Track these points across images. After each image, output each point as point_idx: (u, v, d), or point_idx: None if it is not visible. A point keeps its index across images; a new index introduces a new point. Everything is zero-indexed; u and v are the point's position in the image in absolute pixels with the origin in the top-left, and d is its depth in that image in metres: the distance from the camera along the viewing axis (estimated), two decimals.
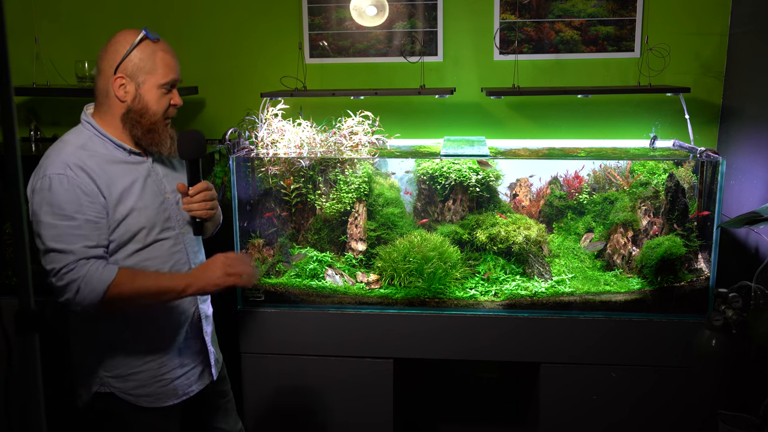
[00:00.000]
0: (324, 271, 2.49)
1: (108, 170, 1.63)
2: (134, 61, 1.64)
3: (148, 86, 1.66)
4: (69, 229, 1.54)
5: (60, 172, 1.56)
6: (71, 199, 1.55)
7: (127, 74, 1.64)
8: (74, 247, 1.54)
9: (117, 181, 1.63)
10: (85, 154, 1.61)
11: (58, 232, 1.54)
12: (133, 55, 1.63)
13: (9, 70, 0.93)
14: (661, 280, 2.36)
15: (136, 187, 1.67)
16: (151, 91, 1.67)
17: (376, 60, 2.86)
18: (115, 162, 1.66)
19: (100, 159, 1.63)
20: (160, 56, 1.66)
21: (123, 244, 1.64)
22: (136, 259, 1.67)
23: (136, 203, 1.65)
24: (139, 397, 1.72)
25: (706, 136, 2.75)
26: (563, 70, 2.79)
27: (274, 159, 2.49)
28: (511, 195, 2.70)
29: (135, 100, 1.66)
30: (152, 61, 1.65)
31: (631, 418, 2.36)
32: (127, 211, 1.63)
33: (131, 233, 1.64)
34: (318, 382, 2.46)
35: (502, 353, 2.39)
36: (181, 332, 1.77)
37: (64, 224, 1.54)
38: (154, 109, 1.68)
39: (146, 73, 1.65)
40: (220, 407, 1.98)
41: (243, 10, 2.88)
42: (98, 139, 1.66)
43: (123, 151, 1.68)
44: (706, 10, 2.66)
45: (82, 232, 1.55)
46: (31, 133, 2.91)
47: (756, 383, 2.28)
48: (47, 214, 1.54)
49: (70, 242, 1.54)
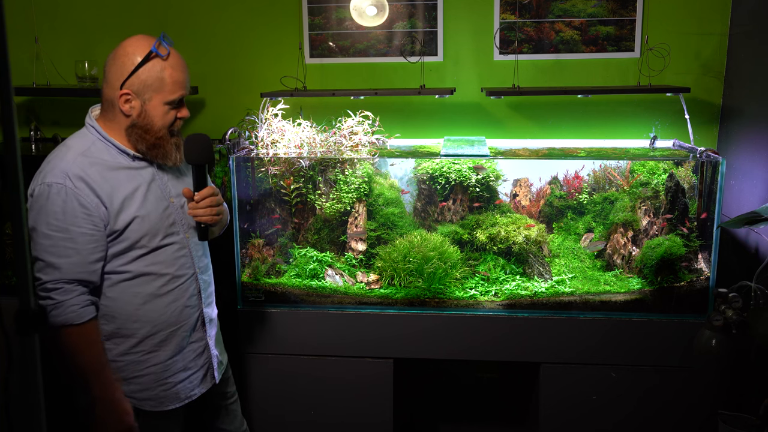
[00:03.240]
0: (324, 271, 2.49)
1: (110, 178, 1.62)
2: (141, 78, 1.60)
3: (155, 103, 1.64)
4: (61, 242, 1.55)
5: (59, 181, 1.55)
6: (67, 211, 1.55)
7: (134, 91, 1.61)
8: (63, 262, 1.55)
9: (119, 189, 1.63)
10: (87, 161, 1.60)
11: (51, 242, 1.55)
12: (140, 72, 1.60)
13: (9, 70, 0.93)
14: (661, 280, 2.36)
15: (139, 193, 1.66)
16: (157, 108, 1.64)
17: (376, 60, 2.86)
18: (119, 168, 1.65)
19: (102, 166, 1.62)
20: (169, 73, 1.63)
21: (125, 251, 1.64)
22: (140, 264, 1.67)
23: (139, 210, 1.64)
24: (141, 400, 1.71)
25: (706, 136, 2.75)
26: (563, 70, 2.79)
27: (274, 159, 2.49)
28: (510, 195, 2.70)
29: (140, 116, 1.63)
30: (160, 79, 1.62)
31: (631, 418, 2.36)
32: (129, 219, 1.63)
33: (133, 240, 1.64)
34: (318, 382, 2.46)
35: (502, 353, 2.39)
36: (185, 336, 1.77)
37: (58, 236, 1.55)
38: (159, 125, 1.66)
39: (153, 91, 1.62)
40: (224, 408, 1.98)
41: (243, 10, 2.88)
42: (102, 144, 1.65)
43: (127, 157, 1.67)
44: (706, 10, 2.66)
45: (74, 246, 1.55)
46: (31, 133, 2.91)
47: (756, 383, 2.28)
48: (42, 223, 1.55)
49: (61, 255, 1.54)
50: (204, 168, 1.72)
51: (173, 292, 1.72)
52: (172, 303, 1.72)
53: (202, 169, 1.71)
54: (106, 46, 2.91)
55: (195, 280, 1.79)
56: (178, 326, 1.75)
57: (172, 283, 1.72)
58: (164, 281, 1.70)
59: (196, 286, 1.79)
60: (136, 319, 1.68)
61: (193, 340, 1.80)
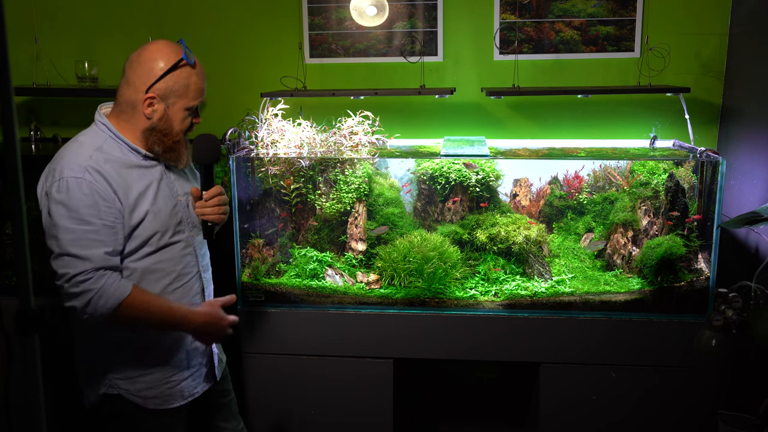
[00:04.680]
0: (324, 271, 2.49)
1: (124, 175, 1.63)
2: (169, 84, 1.63)
3: (177, 108, 1.66)
4: (87, 234, 1.54)
5: (78, 175, 1.55)
6: (90, 204, 1.54)
7: (159, 95, 1.63)
8: (92, 254, 1.53)
9: (133, 186, 1.64)
10: (102, 157, 1.61)
11: (76, 236, 1.53)
12: (168, 77, 1.63)
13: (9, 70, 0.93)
14: (661, 280, 2.36)
15: (151, 191, 1.67)
16: (178, 113, 1.67)
17: (376, 60, 2.86)
18: (131, 166, 1.66)
19: (115, 163, 1.63)
20: (194, 80, 1.67)
21: (137, 248, 1.65)
22: (149, 261, 1.67)
23: (151, 207, 1.65)
24: (147, 399, 1.72)
25: (706, 136, 2.75)
26: (563, 70, 2.79)
27: (274, 159, 2.49)
28: (510, 195, 2.70)
29: (161, 119, 1.66)
30: (185, 86, 1.65)
31: (631, 418, 2.36)
32: (143, 216, 1.64)
33: (145, 237, 1.65)
34: (318, 382, 2.46)
35: (502, 353, 2.39)
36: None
37: (82, 228, 1.54)
38: (177, 129, 1.69)
39: (177, 96, 1.65)
40: (222, 406, 1.99)
41: (243, 10, 2.88)
42: (114, 142, 1.66)
43: (138, 155, 1.68)
44: (706, 10, 2.66)
45: (99, 237, 1.55)
46: (31, 133, 2.91)
47: (756, 383, 2.28)
48: (64, 218, 1.53)
49: (88, 247, 1.53)
50: (212, 168, 1.75)
51: (179, 290, 1.74)
52: (178, 301, 1.73)
53: (210, 168, 1.74)
54: (106, 46, 2.95)
55: (199, 279, 1.80)
56: None
57: (178, 281, 1.73)
58: (171, 279, 1.71)
59: (199, 285, 1.81)
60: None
61: None
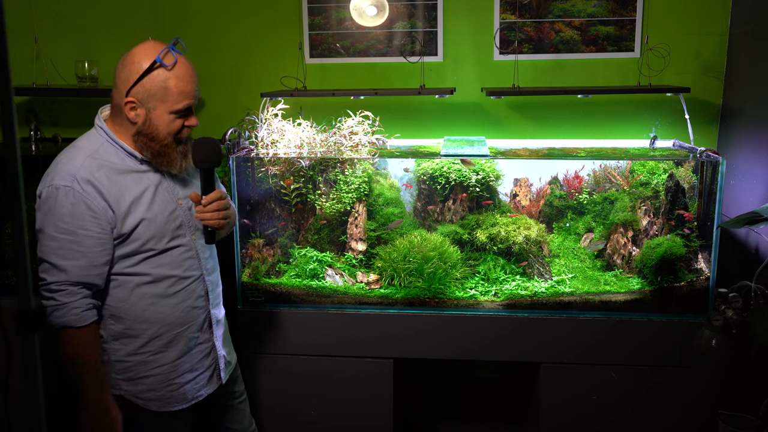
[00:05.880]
0: (324, 271, 2.49)
1: (117, 181, 1.62)
2: (146, 87, 1.60)
3: (159, 112, 1.63)
4: (68, 244, 1.55)
5: (67, 184, 1.55)
6: (74, 214, 1.55)
7: (138, 99, 1.61)
8: (70, 265, 1.55)
9: (126, 192, 1.63)
10: (95, 164, 1.60)
11: (58, 245, 1.55)
12: (145, 81, 1.59)
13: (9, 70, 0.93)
14: (661, 280, 2.36)
15: (147, 196, 1.66)
16: (162, 117, 1.63)
17: (376, 60, 2.86)
18: (126, 171, 1.65)
19: (109, 169, 1.62)
20: (173, 83, 1.61)
21: (132, 253, 1.65)
22: (147, 266, 1.67)
23: (146, 213, 1.65)
24: (148, 401, 1.72)
25: (706, 136, 2.74)
26: (563, 70, 2.79)
27: (274, 159, 2.49)
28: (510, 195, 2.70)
29: (145, 124, 1.63)
30: (163, 89, 1.61)
31: (631, 418, 2.36)
32: (136, 222, 1.63)
33: (141, 243, 1.65)
34: (318, 382, 2.46)
35: (502, 353, 2.39)
36: (193, 337, 1.77)
37: (65, 238, 1.55)
38: (164, 133, 1.65)
39: (157, 100, 1.61)
40: (231, 408, 1.98)
41: (242, 10, 2.88)
42: (110, 147, 1.65)
43: (135, 160, 1.67)
44: (706, 10, 2.66)
45: (80, 249, 1.56)
46: (31, 133, 2.91)
47: (756, 383, 2.28)
48: (49, 225, 1.55)
49: (67, 258, 1.55)
50: (212, 172, 1.71)
51: (180, 293, 1.73)
52: (179, 304, 1.73)
53: (209, 172, 1.70)
54: (106, 46, 2.95)
55: (202, 282, 1.79)
56: (185, 327, 1.75)
57: (179, 285, 1.72)
58: (171, 282, 1.71)
59: (203, 288, 1.79)
60: (143, 319, 1.68)
61: (200, 341, 1.80)
